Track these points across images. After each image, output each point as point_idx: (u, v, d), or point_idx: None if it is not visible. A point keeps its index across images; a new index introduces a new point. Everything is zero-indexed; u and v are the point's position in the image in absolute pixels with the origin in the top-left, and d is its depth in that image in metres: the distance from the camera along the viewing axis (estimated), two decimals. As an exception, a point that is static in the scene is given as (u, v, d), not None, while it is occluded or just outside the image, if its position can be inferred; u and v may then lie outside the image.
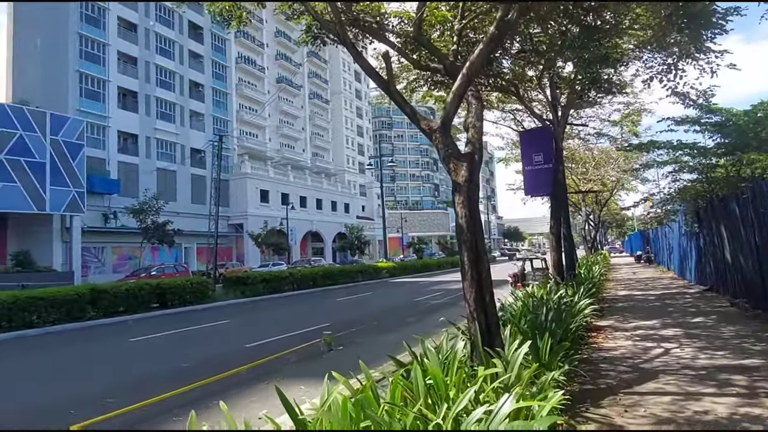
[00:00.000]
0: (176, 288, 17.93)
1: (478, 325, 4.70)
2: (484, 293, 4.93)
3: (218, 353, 9.82)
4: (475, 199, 5.15)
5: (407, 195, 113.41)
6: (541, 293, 8.82)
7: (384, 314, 14.81)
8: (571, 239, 15.51)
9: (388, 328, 12.01)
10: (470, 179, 5.17)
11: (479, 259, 4.99)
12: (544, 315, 5.95)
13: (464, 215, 5.05)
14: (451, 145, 5.41)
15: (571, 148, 24.44)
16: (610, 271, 28.54)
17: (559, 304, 7.10)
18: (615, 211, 55.00)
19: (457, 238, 5.21)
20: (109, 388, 7.32)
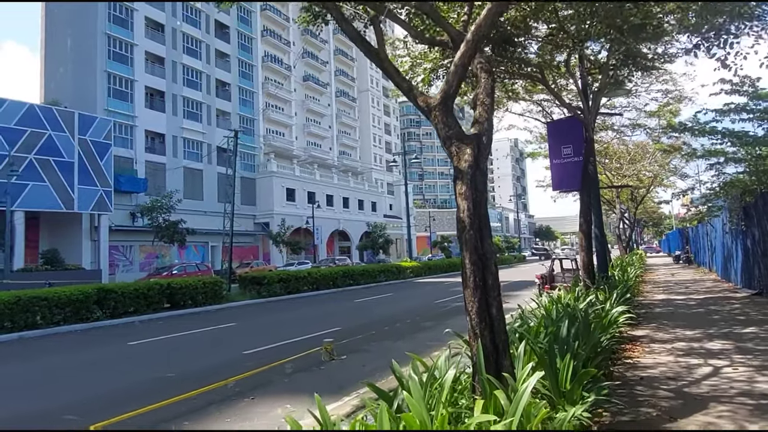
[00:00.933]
0: (187, 288, 17.44)
1: (482, 346, 3.81)
2: (491, 304, 4.03)
3: (211, 361, 9.14)
4: (481, 189, 4.26)
5: (435, 193, 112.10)
6: (568, 299, 7.82)
7: (400, 318, 13.95)
8: (604, 238, 14.35)
9: (401, 334, 11.16)
10: (475, 165, 4.27)
11: (485, 263, 4.10)
12: (566, 328, 4.97)
13: (466, 209, 4.16)
14: (453, 124, 4.51)
15: (604, 141, 23.03)
16: (646, 272, 26.98)
17: (586, 313, 6.10)
18: (652, 209, 52.75)
19: (458, 237, 4.33)
20: (73, 402, 6.72)
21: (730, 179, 13.36)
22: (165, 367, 8.72)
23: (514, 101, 18.75)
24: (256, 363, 8.45)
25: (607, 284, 10.88)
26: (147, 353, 10.38)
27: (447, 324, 11.51)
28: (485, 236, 4.16)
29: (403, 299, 20.68)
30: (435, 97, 4.65)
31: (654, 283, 20.07)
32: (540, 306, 7.29)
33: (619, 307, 7.77)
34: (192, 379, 7.59)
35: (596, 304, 7.87)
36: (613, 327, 6.81)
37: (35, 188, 34.59)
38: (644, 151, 26.46)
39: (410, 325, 12.66)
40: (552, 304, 7.41)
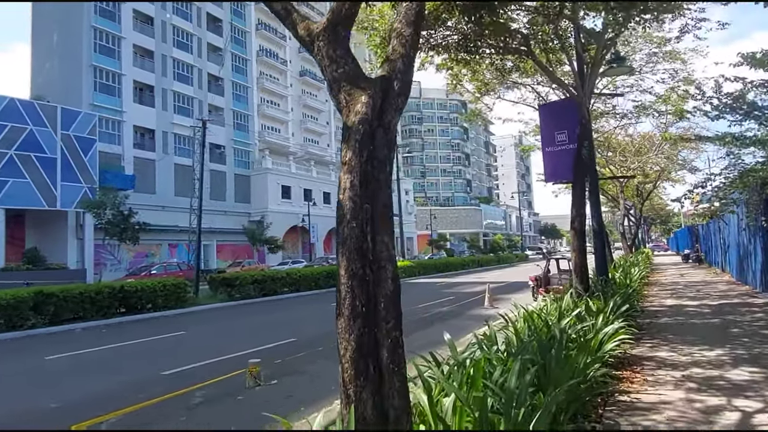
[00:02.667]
0: (144, 291, 15.87)
1: (358, 417, 2.23)
2: (380, 344, 2.47)
3: (119, 384, 7.58)
4: (381, 159, 2.74)
5: (438, 191, 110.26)
6: (550, 312, 6.21)
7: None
8: (604, 236, 12.69)
9: None
10: (374, 121, 2.73)
11: (376, 275, 2.53)
12: (518, 373, 3.34)
13: (349, 186, 2.64)
14: (345, 61, 2.99)
15: (605, 131, 21.22)
16: (653, 273, 25.23)
17: (562, 340, 4.46)
18: (659, 205, 50.79)
19: (336, 231, 2.76)
20: None
21: (750, 167, 11.67)
22: (59, 393, 7.18)
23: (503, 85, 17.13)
24: (165, 389, 6.91)
25: (604, 290, 9.25)
26: (53, 373, 8.81)
27: (415, 336, 9.91)
28: (380, 231, 2.61)
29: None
30: (320, 21, 3.08)
31: (661, 285, 18.36)
32: (509, 323, 5.66)
33: (614, 323, 6.15)
34: (78, 409, 6.11)
35: (586, 319, 6.25)
36: (604, 350, 5.20)
37: (15, 185, 33.31)
38: (650, 143, 24.70)
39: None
40: (529, 319, 5.79)
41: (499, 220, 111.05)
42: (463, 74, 14.82)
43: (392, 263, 2.72)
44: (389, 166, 2.85)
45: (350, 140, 2.74)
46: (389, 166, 2.85)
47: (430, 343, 9.05)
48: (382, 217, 2.70)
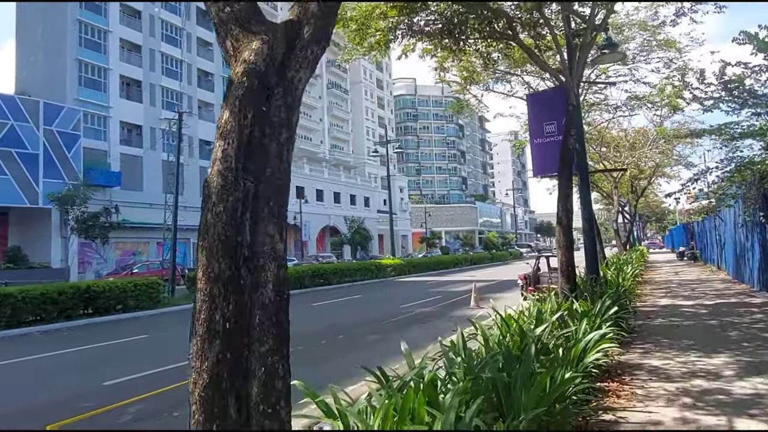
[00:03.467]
0: (113, 292, 15.09)
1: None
2: (251, 374, 1.77)
3: (50, 396, 6.82)
4: (276, 122, 2.01)
5: (433, 189, 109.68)
6: (529, 314, 5.55)
7: (346, 329, 11.67)
8: (594, 232, 12.03)
9: (330, 354, 8.90)
10: (274, 77, 2.01)
11: (254, 278, 1.83)
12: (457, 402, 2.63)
13: (221, 157, 1.94)
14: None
15: (597, 123, 20.52)
16: (647, 270, 24.62)
17: (530, 352, 3.74)
18: (654, 202, 50.26)
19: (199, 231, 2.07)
20: None
21: (748, 160, 11.02)
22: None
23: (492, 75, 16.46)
24: (98, 402, 6.21)
25: (593, 290, 8.58)
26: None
27: (393, 339, 9.25)
28: (263, 219, 1.92)
29: (370, 302, 18.40)
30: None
31: (656, 283, 17.73)
32: (478, 330, 4.97)
33: (600, 328, 5.48)
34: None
35: (569, 323, 5.57)
36: (587, 360, 4.52)
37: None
38: (645, 138, 24.07)
39: (353, 338, 10.31)
40: (502, 327, 5.12)
41: (495, 218, 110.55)
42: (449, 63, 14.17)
43: (277, 262, 2.05)
44: (287, 133, 2.17)
45: (230, 97, 2.06)
46: (287, 132, 2.17)
47: (398, 350, 8.42)
48: (268, 200, 2.02)
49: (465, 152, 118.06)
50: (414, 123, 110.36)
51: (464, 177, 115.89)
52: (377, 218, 67.15)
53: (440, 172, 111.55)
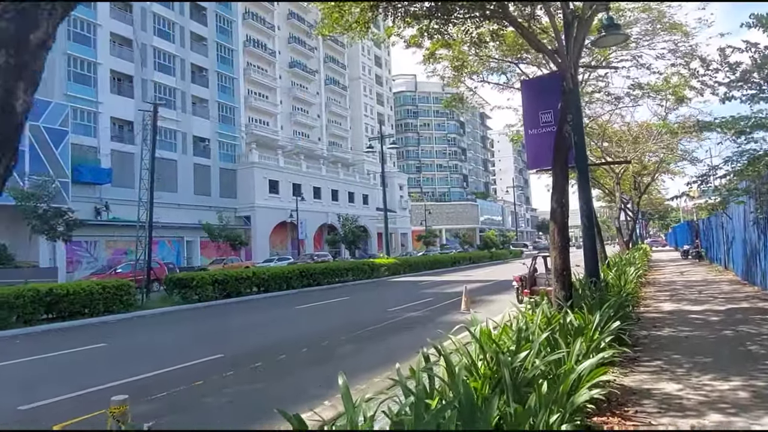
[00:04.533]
0: (78, 295, 14.08)
1: None
2: None
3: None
4: None
5: (434, 186, 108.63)
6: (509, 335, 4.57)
7: (325, 335, 10.63)
8: (594, 230, 11.02)
9: (286, 371, 7.90)
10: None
11: None
12: None
13: None
14: None
15: (598, 116, 19.40)
16: (651, 270, 23.59)
17: (491, 407, 2.76)
18: (658, 200, 49.15)
19: None
20: None
21: (763, 152, 10.01)
22: None
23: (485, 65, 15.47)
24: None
25: (592, 296, 7.58)
26: None
27: (367, 350, 8.30)
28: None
29: (356, 305, 17.41)
30: None
31: (659, 285, 16.70)
32: (440, 356, 3.96)
33: (598, 350, 4.49)
34: None
35: (559, 344, 4.57)
36: (577, 397, 3.52)
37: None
38: (649, 132, 23.00)
39: (315, 352, 9.19)
40: (476, 351, 4.12)
41: (497, 216, 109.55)
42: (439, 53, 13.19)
43: None
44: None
45: None
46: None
47: (366, 366, 7.42)
48: None
49: (466, 149, 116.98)
50: (414, 120, 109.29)
51: (465, 174, 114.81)
52: (376, 216, 66.13)
53: (441, 170, 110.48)
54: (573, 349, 4.37)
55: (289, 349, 9.28)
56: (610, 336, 5.47)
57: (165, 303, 17.79)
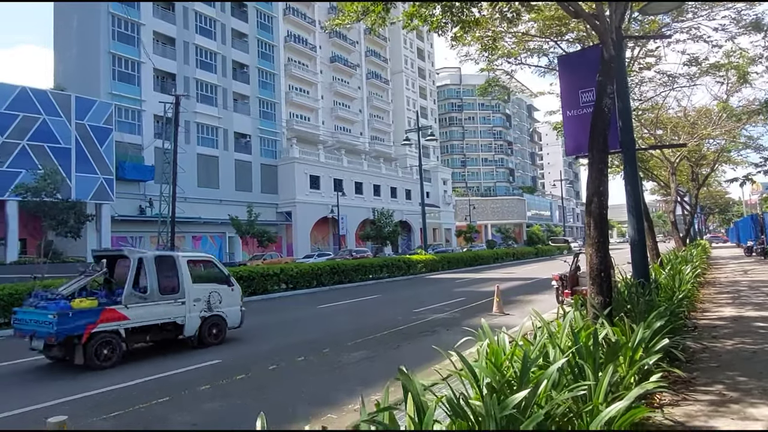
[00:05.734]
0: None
1: None
2: None
3: None
4: None
5: (479, 181, 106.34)
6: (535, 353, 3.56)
7: (335, 341, 9.72)
8: (644, 225, 9.73)
9: (276, 383, 7.08)
10: None
11: None
12: None
13: None
14: None
15: (647, 97, 17.60)
16: (710, 269, 21.60)
17: None
18: (718, 192, 45.91)
19: None
20: None
21: None
22: None
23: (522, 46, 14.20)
24: None
25: (637, 302, 6.38)
26: None
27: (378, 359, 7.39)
28: None
29: (382, 304, 16.39)
30: None
31: (719, 285, 15.00)
32: (408, 392, 2.99)
33: (638, 381, 3.41)
34: None
35: (585, 371, 3.52)
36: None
37: (29, 176, 32.43)
38: (708, 118, 20.99)
39: (318, 360, 8.34)
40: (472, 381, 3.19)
41: (545, 211, 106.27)
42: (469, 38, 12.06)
43: None
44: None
45: None
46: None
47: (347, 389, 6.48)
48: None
49: (512, 143, 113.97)
50: (459, 113, 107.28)
51: (511, 168, 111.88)
52: (419, 211, 65.05)
53: (486, 164, 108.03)
54: (604, 377, 3.32)
55: (283, 357, 8.46)
56: (657, 356, 4.34)
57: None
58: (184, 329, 10.19)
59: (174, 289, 10.25)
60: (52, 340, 8.42)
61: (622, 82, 9.76)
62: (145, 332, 9.81)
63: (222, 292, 11.00)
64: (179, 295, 10.19)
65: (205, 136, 46.51)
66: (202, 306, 10.57)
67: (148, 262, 9.91)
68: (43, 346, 8.68)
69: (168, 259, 10.46)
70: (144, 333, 9.82)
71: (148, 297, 9.73)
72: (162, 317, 9.90)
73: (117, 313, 9.18)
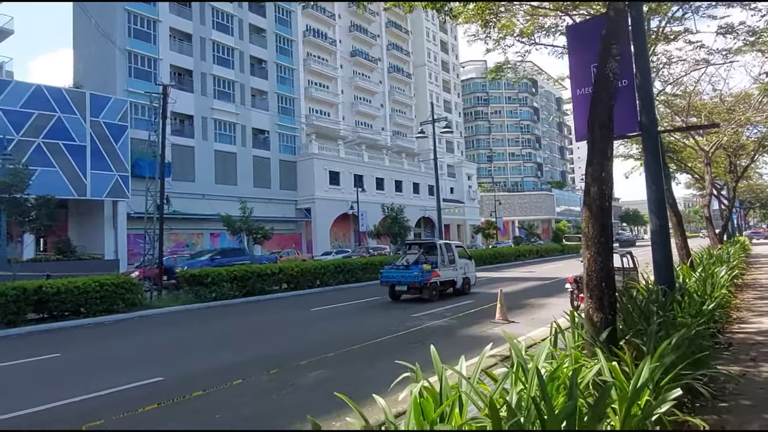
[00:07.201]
0: (70, 293, 12.95)
1: None
2: None
3: None
4: None
5: (506, 176, 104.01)
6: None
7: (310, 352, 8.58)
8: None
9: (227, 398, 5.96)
10: None
11: None
12: None
13: None
14: None
15: (676, 77, 15.80)
16: (749, 268, 19.70)
17: None
18: (759, 186, 43.10)
19: None
20: None
21: None
22: None
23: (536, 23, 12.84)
24: None
25: (657, 315, 5.05)
26: None
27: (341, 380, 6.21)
28: None
29: (381, 308, 15.15)
30: None
31: (759, 287, 13.34)
32: None
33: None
34: None
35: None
36: None
37: (44, 174, 32.30)
38: (747, 103, 19.10)
39: (283, 376, 7.25)
40: None
41: (575, 206, 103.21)
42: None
43: None
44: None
45: None
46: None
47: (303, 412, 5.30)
48: None
49: (540, 137, 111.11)
50: (485, 107, 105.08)
51: (540, 163, 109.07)
52: (443, 207, 63.64)
53: (513, 159, 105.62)
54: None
55: (226, 377, 7.33)
56: (668, 404, 3.07)
57: (176, 302, 16.49)
58: (456, 284, 17.95)
59: (452, 261, 17.98)
60: (416, 285, 16.26)
61: (642, 53, 8.36)
62: (444, 285, 17.38)
63: (469, 264, 18.99)
64: (455, 265, 18.00)
65: (222, 133, 46.08)
66: (462, 271, 18.36)
67: (441, 246, 17.79)
68: (407, 289, 16.45)
69: (449, 245, 18.50)
70: (443, 285, 17.38)
71: (447, 265, 17.49)
72: (449, 277, 17.59)
73: (437, 273, 16.83)
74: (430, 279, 16.08)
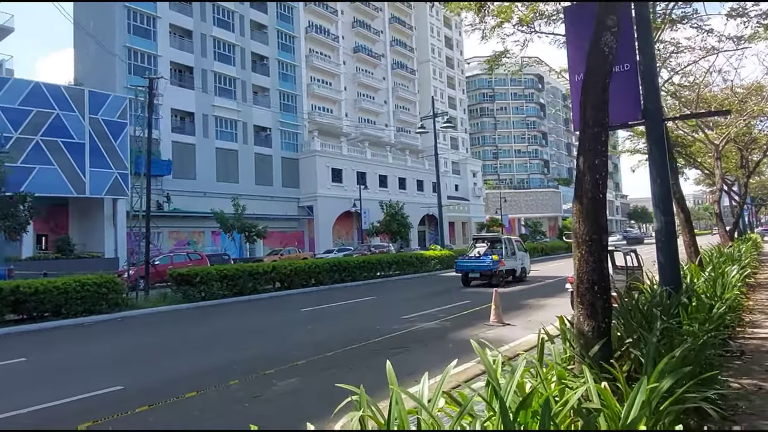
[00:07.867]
0: (49, 293, 12.49)
1: None
2: None
3: None
4: None
5: (512, 173, 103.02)
6: None
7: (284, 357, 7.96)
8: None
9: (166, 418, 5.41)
10: None
11: None
12: None
13: None
14: None
15: (685, 65, 15.09)
16: (761, 267, 18.93)
17: None
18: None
19: None
20: None
21: None
22: None
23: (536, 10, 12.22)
24: None
25: (660, 321, 4.45)
26: None
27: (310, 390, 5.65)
28: None
29: (372, 308, 14.72)
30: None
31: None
32: None
33: None
34: None
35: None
36: None
37: (42, 172, 32.07)
38: (759, 94, 18.35)
39: (250, 384, 6.71)
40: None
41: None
42: None
43: None
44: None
45: None
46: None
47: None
48: None
49: (547, 133, 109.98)
50: (490, 104, 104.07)
51: (546, 160, 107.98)
52: (447, 204, 62.95)
53: (519, 155, 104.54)
54: None
55: (212, 380, 6.79)
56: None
57: (162, 302, 15.97)
58: (515, 273, 20.48)
59: (513, 253, 20.54)
60: (487, 273, 18.89)
61: (646, 36, 7.74)
62: (507, 274, 19.79)
63: (525, 256, 21.85)
64: (515, 256, 20.50)
65: (223, 130, 45.69)
66: (520, 262, 20.90)
67: (505, 240, 20.56)
68: (479, 275, 19.25)
69: (510, 239, 21.06)
70: (507, 274, 19.73)
71: (509, 256, 19.90)
72: (511, 267, 20.07)
73: (503, 263, 19.32)
74: (498, 267, 18.81)
